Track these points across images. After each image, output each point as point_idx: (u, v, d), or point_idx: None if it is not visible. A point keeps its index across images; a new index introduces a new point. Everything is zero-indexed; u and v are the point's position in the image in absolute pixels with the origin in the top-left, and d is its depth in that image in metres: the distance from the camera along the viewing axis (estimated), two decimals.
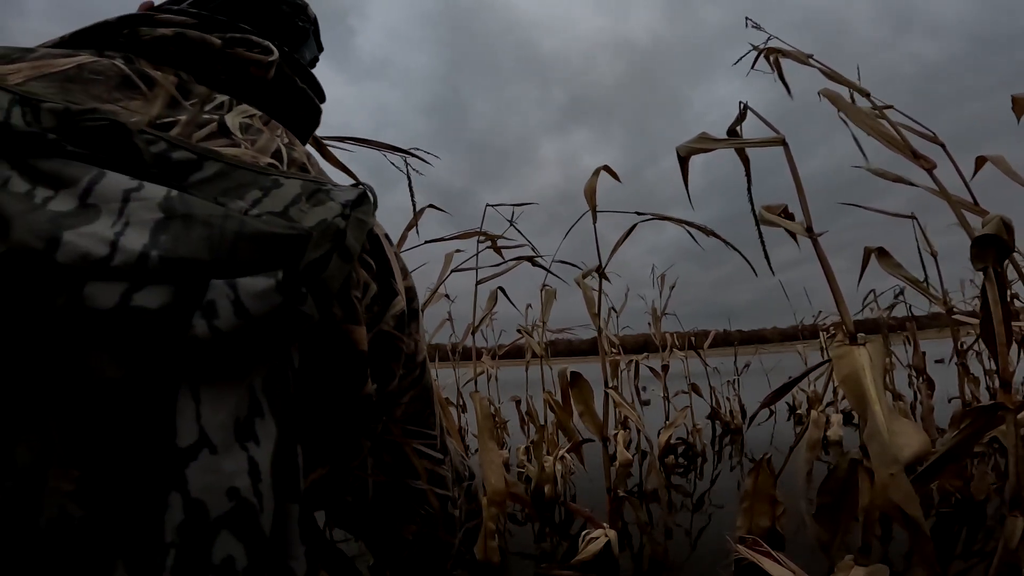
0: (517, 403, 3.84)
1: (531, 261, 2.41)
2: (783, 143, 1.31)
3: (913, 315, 3.27)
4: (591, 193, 2.20)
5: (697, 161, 1.48)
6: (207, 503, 0.21)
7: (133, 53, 0.34)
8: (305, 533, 0.25)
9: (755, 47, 1.61)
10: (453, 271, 2.37)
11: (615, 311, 4.56)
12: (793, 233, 1.30)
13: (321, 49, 0.52)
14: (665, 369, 4.83)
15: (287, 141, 0.36)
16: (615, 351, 4.54)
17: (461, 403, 4.32)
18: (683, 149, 1.42)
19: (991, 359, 1.15)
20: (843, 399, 4.76)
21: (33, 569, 0.18)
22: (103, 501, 0.19)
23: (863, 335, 1.11)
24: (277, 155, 0.34)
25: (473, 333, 2.59)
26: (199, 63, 0.36)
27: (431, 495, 0.40)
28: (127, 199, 0.21)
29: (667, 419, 4.25)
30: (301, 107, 0.43)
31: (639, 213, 2.16)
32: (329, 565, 0.39)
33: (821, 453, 3.18)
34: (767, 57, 1.59)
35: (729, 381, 5.58)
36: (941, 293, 2.35)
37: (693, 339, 5.55)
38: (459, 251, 2.39)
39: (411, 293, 0.36)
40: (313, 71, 0.45)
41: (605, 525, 2.10)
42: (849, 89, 1.50)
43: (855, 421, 4.06)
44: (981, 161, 1.53)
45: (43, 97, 0.23)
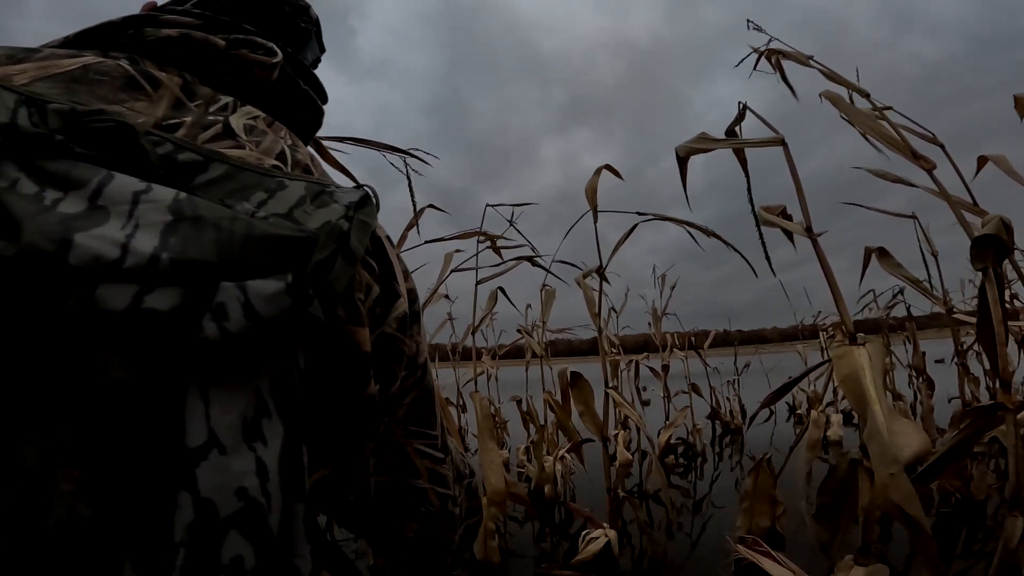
0: (517, 403, 3.84)
1: (531, 261, 2.40)
2: (783, 143, 1.31)
3: (912, 315, 3.27)
4: (592, 193, 2.20)
5: (697, 161, 1.48)
6: (217, 503, 0.21)
7: (137, 54, 0.34)
8: (310, 532, 0.25)
9: (755, 49, 1.61)
10: (453, 271, 2.37)
11: (615, 311, 4.55)
12: (791, 234, 1.30)
13: (323, 50, 0.52)
14: (665, 369, 4.83)
15: (291, 143, 0.36)
16: (615, 351, 4.55)
17: (461, 403, 4.32)
18: (682, 149, 1.41)
19: (988, 359, 1.16)
20: (843, 399, 4.76)
21: (42, 569, 0.18)
22: (113, 501, 0.19)
23: (863, 335, 1.11)
24: (281, 157, 0.34)
25: (473, 333, 2.59)
26: (203, 64, 0.36)
27: (432, 494, 0.40)
28: (136, 201, 0.21)
29: (667, 419, 4.25)
30: (304, 108, 0.43)
31: (640, 213, 2.16)
32: (331, 565, 0.39)
33: (821, 453, 3.17)
34: (769, 59, 1.59)
35: (729, 381, 5.58)
36: (941, 293, 2.35)
37: (693, 339, 5.54)
38: (459, 251, 2.39)
39: (413, 295, 0.36)
40: (315, 72, 0.45)
41: (605, 525, 2.10)
42: (849, 90, 1.50)
43: (855, 421, 4.06)
44: (983, 161, 1.53)
45: (49, 98, 0.23)
